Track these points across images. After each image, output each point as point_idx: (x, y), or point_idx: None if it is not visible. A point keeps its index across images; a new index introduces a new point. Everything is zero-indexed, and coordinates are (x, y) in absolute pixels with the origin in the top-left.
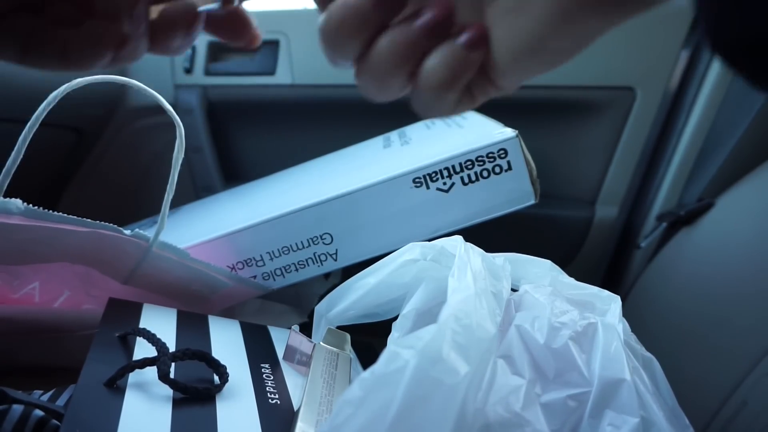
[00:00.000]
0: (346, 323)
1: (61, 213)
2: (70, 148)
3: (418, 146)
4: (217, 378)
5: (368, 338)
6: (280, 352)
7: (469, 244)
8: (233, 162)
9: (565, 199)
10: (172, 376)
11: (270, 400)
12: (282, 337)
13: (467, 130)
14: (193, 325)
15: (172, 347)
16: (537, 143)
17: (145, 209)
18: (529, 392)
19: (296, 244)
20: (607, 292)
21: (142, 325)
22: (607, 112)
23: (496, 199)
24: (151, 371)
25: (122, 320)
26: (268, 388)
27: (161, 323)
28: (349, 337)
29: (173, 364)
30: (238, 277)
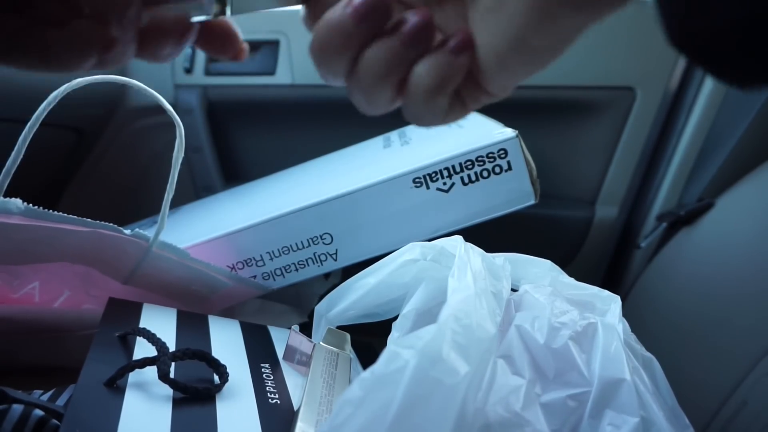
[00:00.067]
0: (346, 323)
1: (61, 213)
2: (70, 148)
3: (418, 146)
4: (217, 378)
5: (368, 338)
6: (280, 352)
7: (469, 244)
8: (233, 162)
9: (565, 199)
10: (172, 375)
11: (270, 400)
12: (282, 337)
13: (467, 130)
14: (193, 325)
15: (172, 347)
16: (537, 143)
17: (145, 209)
18: (529, 392)
19: (296, 244)
20: (607, 292)
21: (142, 325)
22: (607, 112)
23: (496, 199)
24: (151, 371)
25: (122, 320)
26: (268, 388)
27: (161, 323)
28: (349, 337)
29: (173, 364)
30: (238, 277)
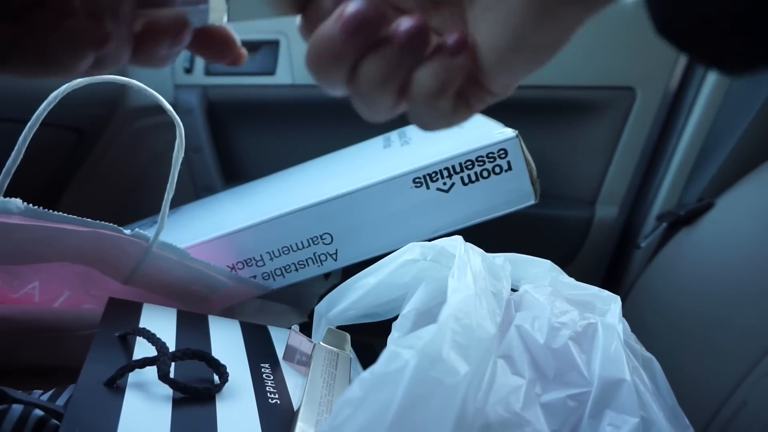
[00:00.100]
0: (346, 323)
1: (61, 213)
2: (70, 148)
3: (418, 146)
4: (217, 378)
5: (368, 338)
6: (280, 352)
7: (469, 244)
8: (233, 162)
9: (565, 199)
10: (172, 375)
11: (270, 400)
12: (282, 337)
13: (467, 130)
14: (193, 325)
15: (172, 347)
16: (537, 143)
17: (145, 209)
18: (529, 392)
19: (296, 244)
20: (607, 292)
21: (142, 325)
22: (607, 112)
23: (496, 199)
24: (151, 371)
25: (122, 320)
26: (268, 388)
27: (161, 323)
28: (349, 337)
29: (173, 364)
30: (238, 277)
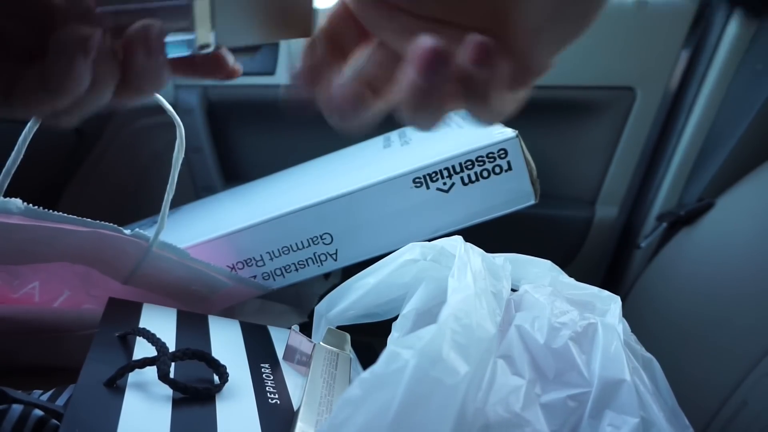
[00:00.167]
0: (346, 323)
1: (61, 213)
2: (70, 148)
3: (418, 146)
4: (217, 378)
5: (368, 338)
6: (280, 352)
7: (469, 244)
8: (233, 162)
9: (565, 199)
10: (172, 376)
11: (270, 400)
12: (282, 337)
13: (467, 130)
14: (193, 325)
15: (172, 347)
16: (537, 143)
17: (145, 209)
18: (529, 392)
19: (296, 244)
20: (607, 292)
21: (142, 325)
22: (607, 112)
23: (496, 199)
24: (151, 371)
25: (122, 320)
26: (268, 388)
27: (161, 323)
28: (349, 337)
29: (173, 364)
30: (238, 277)
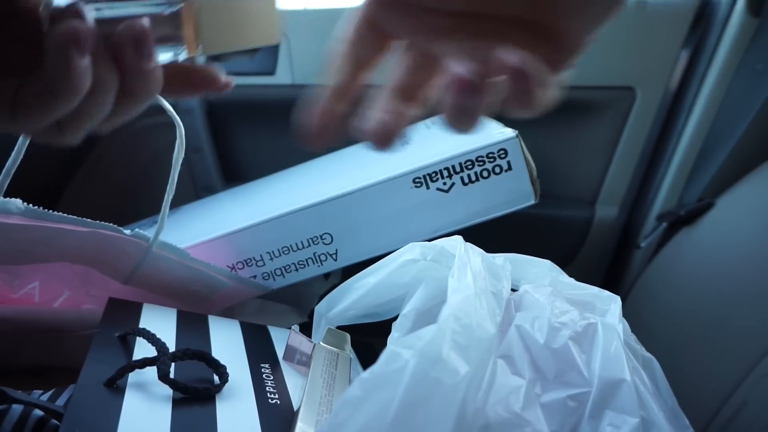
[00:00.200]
0: (346, 323)
1: (61, 213)
2: (70, 148)
3: (418, 146)
4: (217, 378)
5: (368, 338)
6: (280, 352)
7: (469, 244)
8: (233, 162)
9: (565, 199)
10: (172, 376)
11: (270, 400)
12: (282, 337)
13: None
14: (193, 325)
15: (172, 347)
16: (537, 143)
17: (145, 209)
18: (529, 392)
19: (296, 244)
20: (607, 292)
21: (142, 325)
22: (607, 112)
23: (496, 199)
24: (151, 371)
25: (122, 320)
26: (268, 388)
27: (161, 323)
28: (349, 337)
29: (173, 364)
30: (238, 277)
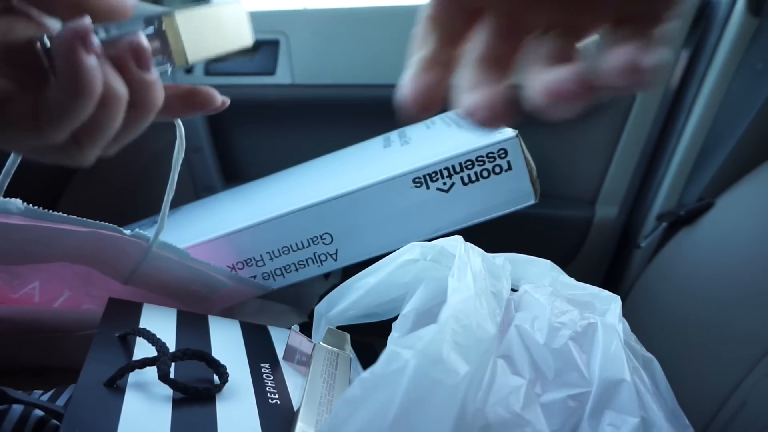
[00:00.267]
0: (346, 323)
1: (61, 213)
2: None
3: (418, 146)
4: (217, 378)
5: (368, 338)
6: (280, 352)
7: (469, 244)
8: (233, 162)
9: (565, 199)
10: (172, 376)
11: (270, 400)
12: (282, 337)
13: (467, 130)
14: (193, 325)
15: (172, 347)
16: (537, 143)
17: (145, 209)
18: (529, 392)
19: (296, 244)
20: (607, 292)
21: (142, 325)
22: (607, 112)
23: (496, 199)
24: (151, 371)
25: (122, 320)
26: (268, 388)
27: (161, 323)
28: (349, 337)
29: (173, 364)
30: (238, 277)
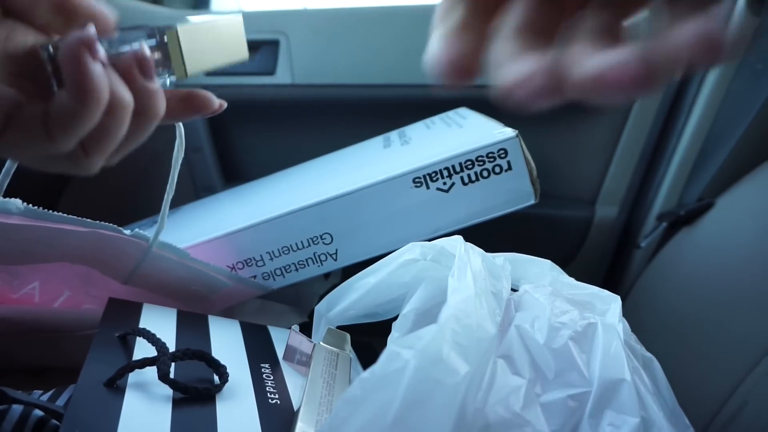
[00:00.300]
0: (346, 323)
1: (60, 213)
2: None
3: (418, 146)
4: (217, 378)
5: (368, 338)
6: (280, 352)
7: (469, 244)
8: (233, 162)
9: (565, 199)
10: (172, 376)
11: (270, 400)
12: (282, 337)
13: (467, 130)
14: (193, 325)
15: (172, 347)
16: (537, 143)
17: (145, 209)
18: (529, 392)
19: (296, 244)
20: (607, 292)
21: (142, 325)
22: (607, 112)
23: (496, 199)
24: (151, 371)
25: (122, 320)
26: (268, 388)
27: (161, 323)
28: (349, 337)
29: (173, 364)
30: (238, 277)
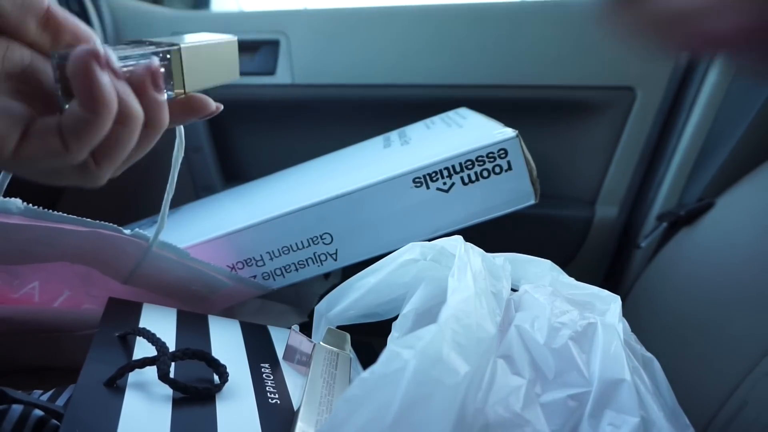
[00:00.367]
0: (346, 323)
1: (60, 213)
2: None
3: (418, 146)
4: (217, 378)
5: (368, 338)
6: (280, 352)
7: (469, 244)
8: (233, 162)
9: (565, 199)
10: (172, 375)
11: (270, 400)
12: (282, 337)
13: (467, 130)
14: (193, 324)
15: (172, 347)
16: (537, 143)
17: (145, 209)
18: (529, 392)
19: (296, 244)
20: (607, 292)
21: (142, 325)
22: (607, 112)
23: (496, 199)
24: (151, 371)
25: (122, 320)
26: (268, 388)
27: (161, 323)
28: (349, 337)
29: (173, 364)
30: (238, 277)
